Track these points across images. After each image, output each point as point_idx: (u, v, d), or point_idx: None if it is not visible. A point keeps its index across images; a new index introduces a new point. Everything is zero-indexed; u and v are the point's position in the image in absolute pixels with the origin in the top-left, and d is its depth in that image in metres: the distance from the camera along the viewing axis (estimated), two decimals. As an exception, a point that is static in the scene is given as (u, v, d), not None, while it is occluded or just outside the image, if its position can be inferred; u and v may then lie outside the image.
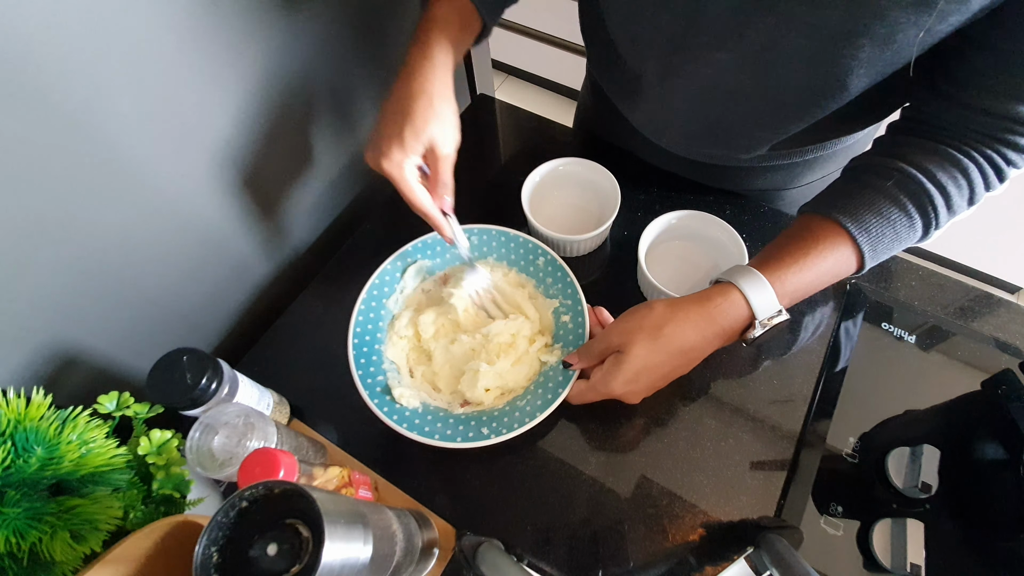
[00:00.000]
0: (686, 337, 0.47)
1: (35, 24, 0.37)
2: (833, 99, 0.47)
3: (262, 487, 0.28)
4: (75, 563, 0.39)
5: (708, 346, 0.49)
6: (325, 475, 0.46)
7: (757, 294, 0.46)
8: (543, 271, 0.62)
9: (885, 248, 0.47)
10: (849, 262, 0.47)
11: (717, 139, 0.60)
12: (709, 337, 0.48)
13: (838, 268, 0.48)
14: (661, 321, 0.48)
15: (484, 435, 0.52)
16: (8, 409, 0.40)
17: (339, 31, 0.63)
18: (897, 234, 0.46)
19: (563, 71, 2.00)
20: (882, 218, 0.45)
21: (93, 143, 0.44)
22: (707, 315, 0.47)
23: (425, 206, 0.52)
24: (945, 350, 0.59)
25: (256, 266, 0.68)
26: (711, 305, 0.48)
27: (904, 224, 0.45)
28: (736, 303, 0.47)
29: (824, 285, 0.49)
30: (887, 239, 0.46)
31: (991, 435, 0.54)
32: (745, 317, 0.47)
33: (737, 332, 0.48)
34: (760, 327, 0.47)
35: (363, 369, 0.55)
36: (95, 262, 0.48)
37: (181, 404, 0.46)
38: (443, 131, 0.50)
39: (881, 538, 0.49)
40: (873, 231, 0.46)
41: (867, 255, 0.46)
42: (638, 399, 0.51)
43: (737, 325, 0.48)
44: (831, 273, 0.48)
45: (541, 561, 0.51)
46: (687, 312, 0.48)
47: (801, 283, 0.47)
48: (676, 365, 0.49)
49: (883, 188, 0.46)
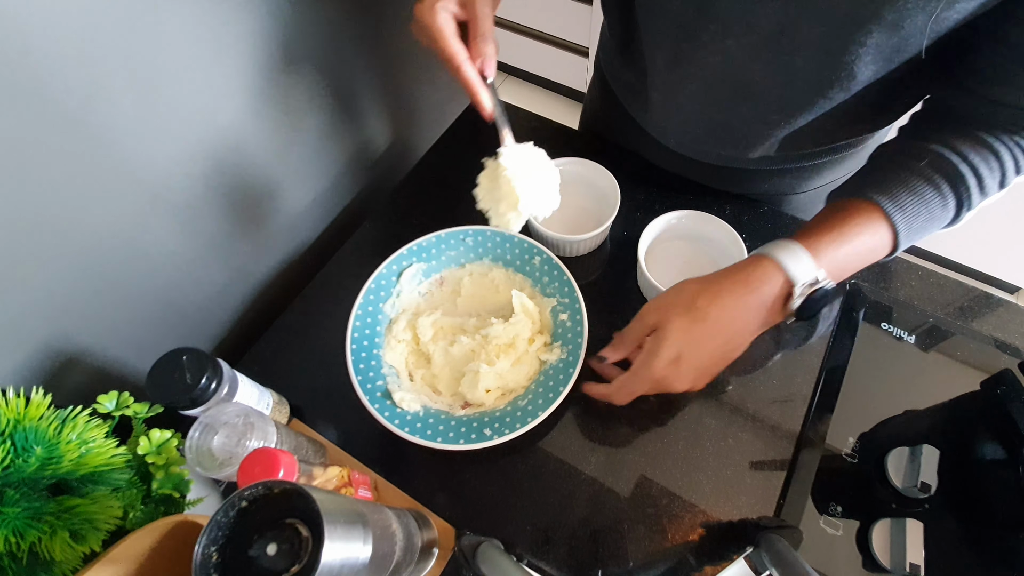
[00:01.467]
0: (724, 308, 0.45)
1: (35, 23, 0.37)
2: (841, 89, 0.46)
3: (262, 487, 0.28)
4: (75, 563, 0.39)
5: (750, 318, 0.46)
6: (325, 475, 0.46)
7: (792, 260, 0.44)
8: (539, 270, 0.62)
9: (919, 228, 0.45)
10: (884, 241, 0.45)
11: (724, 136, 0.59)
12: (751, 307, 0.45)
13: (873, 244, 0.45)
14: (695, 294, 0.46)
15: (487, 436, 0.52)
16: (8, 409, 0.40)
17: (340, 31, 0.63)
18: (931, 213, 0.45)
19: (563, 71, 2.00)
20: (916, 196, 0.44)
21: (93, 142, 0.44)
22: (743, 283, 0.45)
23: (462, 61, 0.45)
24: (945, 350, 0.59)
25: (256, 266, 0.68)
26: (744, 274, 0.45)
27: (938, 204, 0.44)
28: (770, 270, 0.45)
29: (860, 264, 0.46)
30: (921, 218, 0.45)
31: (990, 435, 0.54)
32: (782, 284, 0.44)
33: (778, 302, 0.45)
34: (800, 295, 0.44)
35: (362, 375, 0.55)
36: (95, 262, 0.48)
37: (181, 404, 0.46)
38: None
39: (880, 538, 0.49)
40: (908, 209, 0.44)
41: (901, 233, 0.45)
42: (688, 382, 0.47)
43: (776, 292, 0.45)
44: (867, 248, 0.45)
45: (541, 561, 0.51)
46: (720, 283, 0.46)
47: (838, 255, 0.45)
48: (721, 341, 0.46)
49: (916, 168, 0.45)
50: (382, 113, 0.78)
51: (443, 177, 0.76)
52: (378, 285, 0.61)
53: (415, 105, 0.85)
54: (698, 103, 0.56)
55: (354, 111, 0.72)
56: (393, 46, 0.74)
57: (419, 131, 0.88)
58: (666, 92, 0.58)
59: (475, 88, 0.47)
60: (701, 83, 0.53)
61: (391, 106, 0.79)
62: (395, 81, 0.78)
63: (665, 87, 0.57)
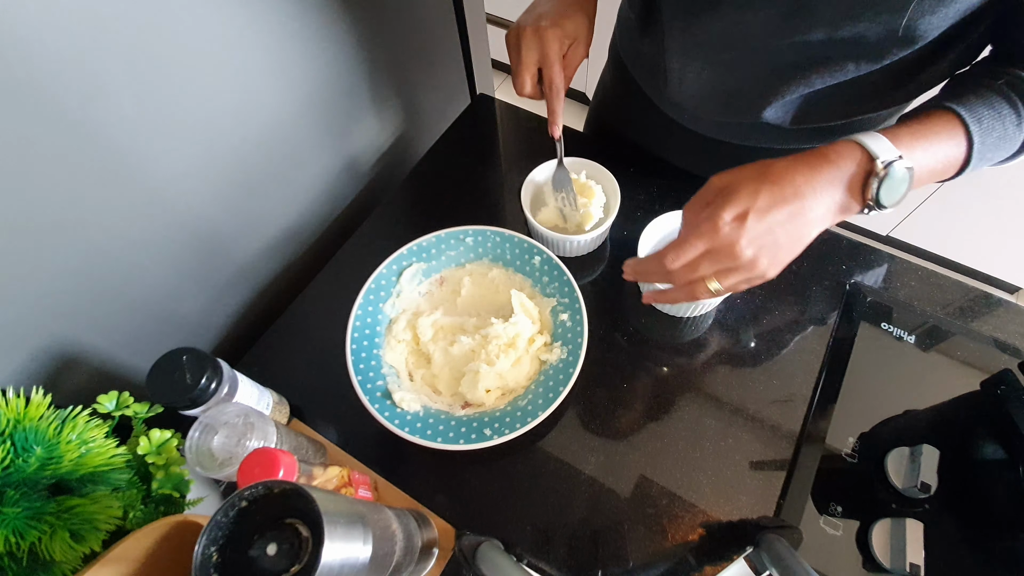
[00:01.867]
0: (799, 172, 0.41)
1: (35, 23, 0.37)
2: (854, 63, 0.47)
3: (262, 487, 0.28)
4: (74, 563, 0.39)
5: (828, 189, 0.41)
6: (325, 475, 0.46)
7: (871, 140, 0.41)
8: (539, 270, 0.62)
9: (992, 144, 0.44)
10: (959, 150, 0.43)
11: (740, 104, 0.59)
12: (829, 178, 0.41)
13: (948, 151, 0.43)
14: (769, 163, 0.42)
15: (487, 436, 0.52)
16: (8, 409, 0.40)
17: (340, 32, 0.63)
18: (1005, 130, 0.44)
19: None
20: (993, 111, 0.43)
21: (93, 143, 0.44)
22: (820, 155, 0.42)
23: (559, 85, 0.53)
24: (945, 350, 0.59)
25: (256, 265, 0.68)
26: (822, 150, 0.42)
27: (1012, 121, 0.43)
28: (850, 147, 0.41)
29: (936, 167, 0.44)
30: (996, 133, 0.43)
31: (990, 435, 0.54)
32: (861, 160, 0.41)
33: (857, 179, 0.41)
34: (881, 173, 0.40)
35: (362, 375, 0.56)
36: (95, 262, 0.48)
37: (181, 404, 0.46)
38: (584, 34, 0.54)
39: (880, 538, 0.49)
40: (984, 122, 0.43)
41: (976, 143, 0.43)
42: (754, 252, 0.41)
43: (855, 168, 0.41)
44: (943, 152, 0.43)
45: (541, 561, 0.51)
46: (797, 156, 0.42)
47: (916, 147, 0.42)
48: (795, 209, 0.41)
49: (993, 85, 0.44)
50: (382, 113, 0.78)
51: (443, 177, 0.76)
52: (378, 285, 0.61)
53: (415, 105, 0.85)
54: (715, 69, 0.57)
55: (354, 111, 0.72)
56: (393, 47, 0.74)
57: (419, 131, 0.88)
58: (684, 61, 0.58)
59: (558, 110, 0.55)
60: (718, 52, 0.54)
61: (391, 106, 0.79)
62: (395, 82, 0.78)
63: (683, 56, 0.58)
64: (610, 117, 0.81)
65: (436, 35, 0.83)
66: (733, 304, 0.63)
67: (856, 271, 0.65)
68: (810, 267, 0.66)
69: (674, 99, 0.64)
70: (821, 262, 0.66)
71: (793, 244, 0.42)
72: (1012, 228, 1.41)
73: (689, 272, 0.43)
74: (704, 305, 0.59)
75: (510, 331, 0.57)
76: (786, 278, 0.65)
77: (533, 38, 0.52)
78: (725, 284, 0.43)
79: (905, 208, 1.52)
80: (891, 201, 0.41)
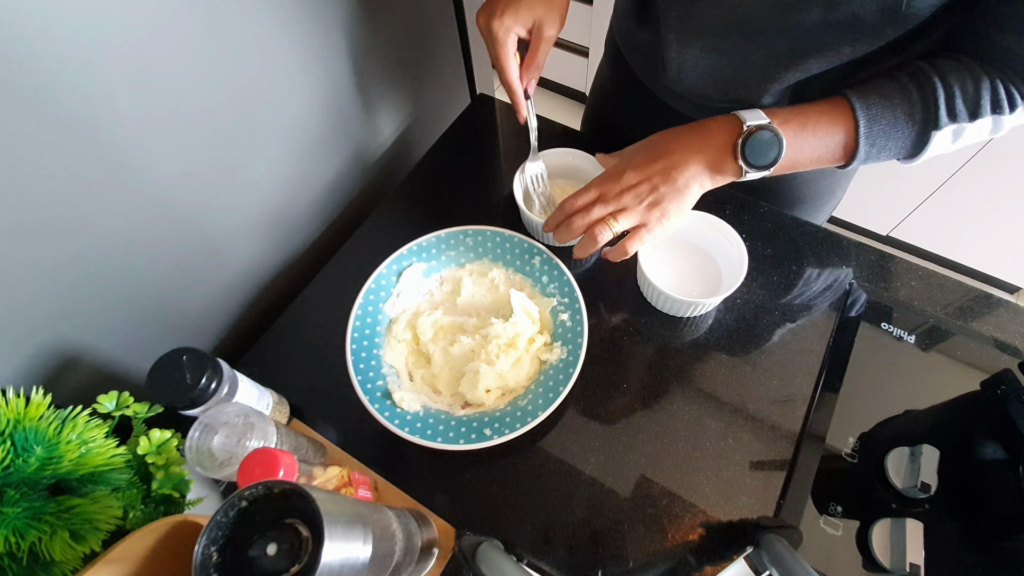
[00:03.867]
0: (673, 139, 0.52)
1: (36, 23, 0.37)
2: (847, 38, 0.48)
3: (262, 487, 0.28)
4: (74, 563, 0.39)
5: (695, 150, 0.50)
6: (325, 475, 0.46)
7: (748, 112, 0.49)
8: (539, 270, 0.62)
9: (882, 131, 0.47)
10: (844, 130, 0.48)
11: (737, 88, 0.59)
12: (697, 142, 0.50)
13: (831, 128, 0.48)
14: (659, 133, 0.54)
15: (487, 436, 0.52)
16: (7, 409, 0.40)
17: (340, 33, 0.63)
18: (895, 116, 0.47)
19: (563, 71, 2.00)
20: (882, 96, 0.47)
21: (93, 142, 0.44)
22: (697, 124, 0.52)
23: (513, 79, 0.55)
24: (945, 350, 0.59)
25: (256, 265, 0.68)
26: (701, 122, 0.52)
27: (902, 108, 0.47)
28: (726, 119, 0.50)
29: (820, 144, 0.49)
30: (885, 120, 0.47)
31: (990, 435, 0.54)
32: (731, 124, 0.49)
33: (726, 142, 0.49)
34: (745, 132, 0.48)
35: (362, 375, 0.56)
36: (95, 262, 0.48)
37: (181, 404, 0.46)
38: (553, 13, 0.54)
39: (880, 538, 0.49)
40: (874, 108, 0.47)
41: (862, 127, 0.47)
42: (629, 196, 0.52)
43: (725, 135, 0.49)
44: (824, 130, 0.48)
45: (541, 561, 0.51)
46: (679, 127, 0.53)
47: (793, 119, 0.48)
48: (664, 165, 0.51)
49: (894, 75, 0.48)
50: (382, 113, 0.78)
51: (443, 177, 0.76)
52: (378, 285, 0.61)
53: (415, 105, 0.85)
54: (712, 56, 0.57)
55: (354, 111, 0.72)
56: (393, 47, 0.74)
57: (419, 131, 0.88)
58: (681, 49, 0.58)
59: (519, 99, 0.57)
60: (714, 36, 0.55)
61: (391, 106, 0.79)
62: (395, 82, 0.78)
63: (679, 44, 0.58)
64: (609, 108, 0.81)
65: (436, 35, 0.83)
66: (733, 304, 0.63)
67: (856, 271, 0.65)
68: (810, 267, 0.66)
69: (673, 87, 0.64)
70: (821, 262, 0.66)
71: (671, 191, 0.51)
72: (1012, 228, 1.41)
73: (584, 215, 0.53)
74: (704, 305, 0.59)
75: (510, 331, 0.57)
76: (786, 278, 0.65)
77: (486, 36, 0.54)
78: (621, 222, 0.52)
79: (905, 208, 1.52)
80: (761, 160, 0.49)
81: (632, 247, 0.52)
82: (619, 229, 0.52)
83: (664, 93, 0.67)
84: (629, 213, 0.51)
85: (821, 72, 0.52)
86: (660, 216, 0.51)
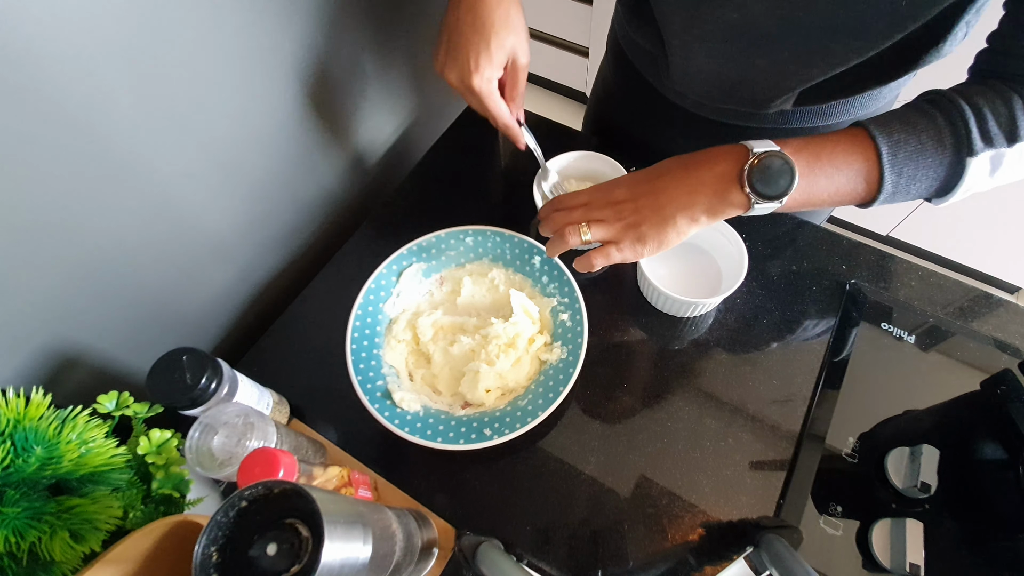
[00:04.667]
0: (675, 165, 0.49)
1: (36, 23, 0.37)
2: (854, 41, 0.47)
3: (262, 487, 0.28)
4: (74, 563, 0.39)
5: (694, 181, 0.47)
6: (325, 475, 0.46)
7: (756, 142, 0.45)
8: (539, 270, 0.62)
9: (907, 158, 0.43)
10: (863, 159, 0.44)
11: (743, 92, 0.59)
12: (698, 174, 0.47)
13: (849, 158, 0.44)
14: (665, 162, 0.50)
15: (487, 436, 0.52)
16: (7, 409, 0.40)
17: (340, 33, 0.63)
18: (921, 144, 0.43)
19: (564, 71, 2.00)
20: (908, 125, 0.43)
21: (93, 142, 0.44)
22: (701, 153, 0.48)
23: (507, 119, 0.55)
24: (945, 350, 0.59)
25: (256, 265, 0.68)
26: (707, 151, 0.48)
27: (930, 136, 0.42)
28: (733, 148, 0.46)
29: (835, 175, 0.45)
30: (910, 146, 0.43)
31: (990, 435, 0.54)
32: (741, 156, 0.45)
33: (732, 172, 0.45)
34: (753, 160, 0.44)
35: (362, 375, 0.56)
36: (95, 262, 0.48)
37: (181, 404, 0.46)
38: (522, 41, 0.52)
39: (880, 538, 0.49)
40: (896, 134, 0.43)
41: (884, 154, 0.43)
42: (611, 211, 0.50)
43: (731, 164, 0.45)
44: (842, 159, 0.44)
45: (541, 561, 0.51)
46: (684, 155, 0.49)
47: (807, 148, 0.44)
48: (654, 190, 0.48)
49: (916, 104, 0.45)
50: (382, 113, 0.78)
51: (443, 177, 0.76)
52: (378, 285, 0.61)
53: (415, 105, 0.85)
54: (716, 61, 0.56)
55: (354, 112, 0.72)
56: (393, 47, 0.74)
57: (419, 131, 0.88)
58: (685, 54, 0.58)
59: (516, 134, 0.57)
60: (719, 42, 0.54)
61: (392, 106, 0.79)
62: (395, 82, 0.78)
63: (683, 49, 0.57)
64: (611, 108, 0.81)
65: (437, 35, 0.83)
66: (733, 304, 0.63)
67: (856, 271, 0.65)
68: (810, 267, 0.66)
69: (677, 87, 0.64)
70: (821, 262, 0.66)
71: (653, 217, 0.48)
72: (1012, 228, 1.41)
73: (566, 216, 0.51)
74: (704, 305, 0.59)
75: (510, 331, 0.57)
76: (786, 278, 0.65)
77: (466, 93, 0.53)
78: (593, 233, 0.50)
79: (905, 208, 1.52)
80: (771, 189, 0.45)
81: (598, 262, 0.50)
82: (588, 238, 0.50)
83: (668, 91, 0.67)
84: (605, 226, 0.50)
85: (827, 78, 0.51)
86: (636, 239, 0.49)
